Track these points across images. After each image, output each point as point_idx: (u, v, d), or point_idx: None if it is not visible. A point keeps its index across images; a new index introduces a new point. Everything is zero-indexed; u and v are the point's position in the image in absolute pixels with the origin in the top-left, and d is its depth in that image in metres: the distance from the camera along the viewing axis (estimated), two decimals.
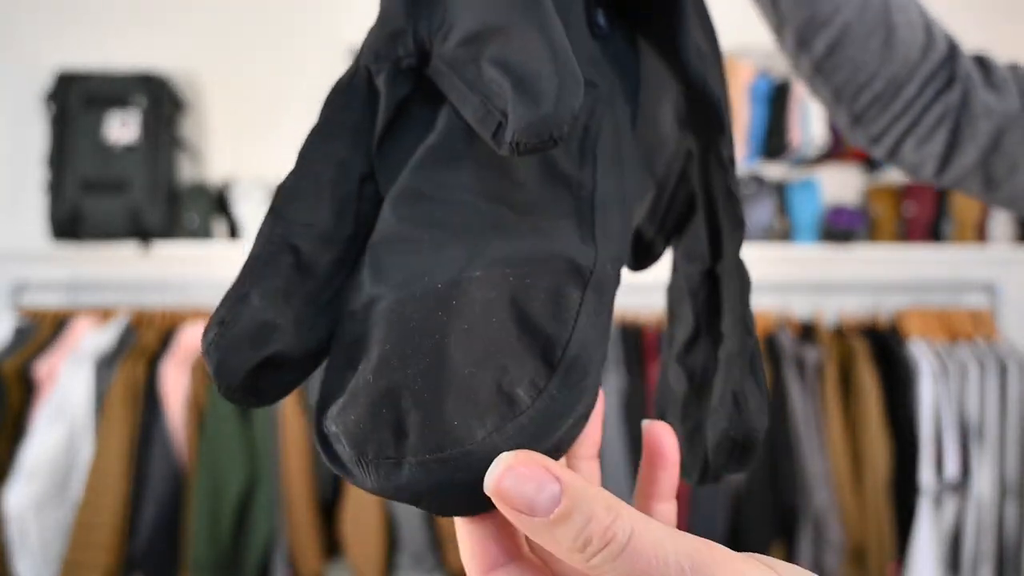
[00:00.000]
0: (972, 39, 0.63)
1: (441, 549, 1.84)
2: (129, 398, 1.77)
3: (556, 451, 0.19)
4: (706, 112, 0.24)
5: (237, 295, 0.19)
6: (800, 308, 2.07)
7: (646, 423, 0.24)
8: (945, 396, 1.83)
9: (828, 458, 1.81)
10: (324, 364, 0.20)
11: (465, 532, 0.19)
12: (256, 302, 0.19)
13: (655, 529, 0.18)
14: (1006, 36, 2.15)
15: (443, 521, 1.78)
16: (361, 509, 1.83)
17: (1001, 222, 2.19)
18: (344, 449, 0.18)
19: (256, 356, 0.18)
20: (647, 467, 0.24)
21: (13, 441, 1.81)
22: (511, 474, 0.17)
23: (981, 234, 2.15)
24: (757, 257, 2.09)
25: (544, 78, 0.18)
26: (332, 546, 1.92)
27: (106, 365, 1.82)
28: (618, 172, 0.22)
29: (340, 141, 0.20)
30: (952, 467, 1.80)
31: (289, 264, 0.19)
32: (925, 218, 2.10)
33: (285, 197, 0.20)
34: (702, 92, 0.24)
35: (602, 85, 0.23)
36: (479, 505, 0.18)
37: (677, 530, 0.18)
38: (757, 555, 0.19)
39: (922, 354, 1.86)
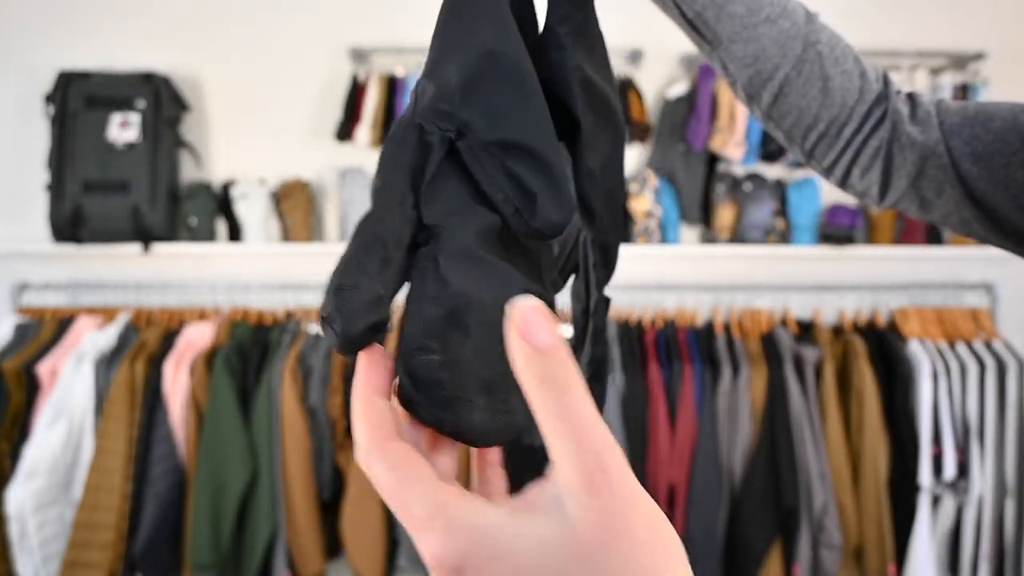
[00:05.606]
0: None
1: None
2: (130, 398, 1.78)
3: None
4: (584, 212, 0.36)
5: (358, 267, 0.25)
6: (799, 308, 2.07)
7: None
8: (944, 396, 1.83)
9: (827, 458, 1.81)
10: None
11: (375, 409, 0.25)
12: (375, 276, 0.26)
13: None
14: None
15: None
16: (361, 509, 1.83)
17: None
18: (441, 392, 0.26)
19: (374, 318, 0.25)
20: None
21: (15, 440, 1.81)
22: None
23: None
24: (757, 257, 2.09)
25: (564, 194, 0.28)
26: (332, 546, 1.93)
27: (107, 365, 1.83)
28: (547, 247, 0.34)
29: (401, 174, 0.28)
30: (951, 466, 1.81)
31: (380, 255, 0.26)
32: None
33: (377, 203, 0.27)
34: (583, 202, 0.35)
35: None
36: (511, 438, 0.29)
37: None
38: None
39: (921, 354, 1.86)
